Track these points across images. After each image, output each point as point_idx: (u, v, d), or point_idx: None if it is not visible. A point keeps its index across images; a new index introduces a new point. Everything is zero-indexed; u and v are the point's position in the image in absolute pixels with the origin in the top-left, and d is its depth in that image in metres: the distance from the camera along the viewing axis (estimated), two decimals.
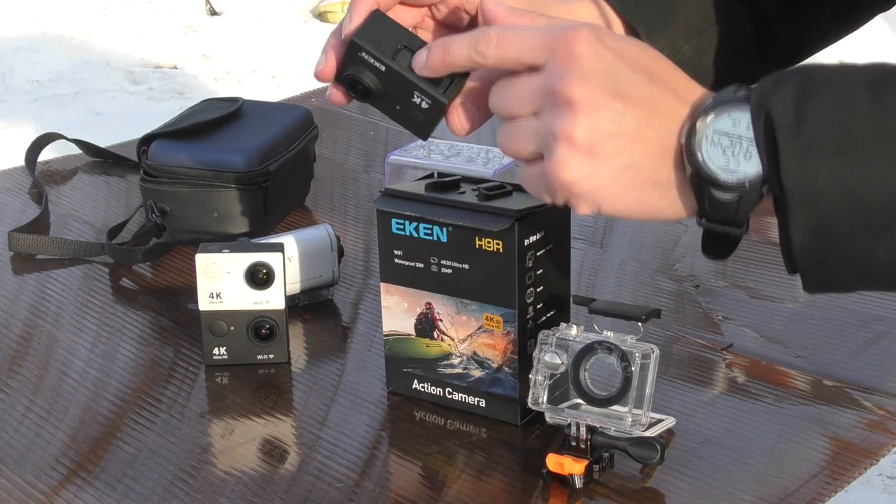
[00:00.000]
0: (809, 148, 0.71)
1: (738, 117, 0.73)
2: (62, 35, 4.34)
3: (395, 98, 0.85)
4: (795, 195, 0.71)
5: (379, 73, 0.84)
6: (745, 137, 0.73)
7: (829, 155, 0.70)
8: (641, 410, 0.92)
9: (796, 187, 0.71)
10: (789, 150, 0.71)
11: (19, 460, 0.99)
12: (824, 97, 0.72)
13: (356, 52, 0.84)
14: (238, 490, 0.95)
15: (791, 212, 0.72)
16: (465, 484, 0.96)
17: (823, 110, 0.71)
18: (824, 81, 0.73)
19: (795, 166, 0.71)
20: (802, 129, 0.71)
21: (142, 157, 1.38)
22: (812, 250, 0.73)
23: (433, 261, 1.01)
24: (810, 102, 0.71)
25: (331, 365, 1.15)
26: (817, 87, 0.72)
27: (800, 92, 0.72)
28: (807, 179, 0.71)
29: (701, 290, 1.25)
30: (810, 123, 0.71)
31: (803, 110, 0.71)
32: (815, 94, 0.72)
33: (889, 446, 1.00)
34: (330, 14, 4.54)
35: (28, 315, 1.24)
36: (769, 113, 0.71)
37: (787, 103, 0.71)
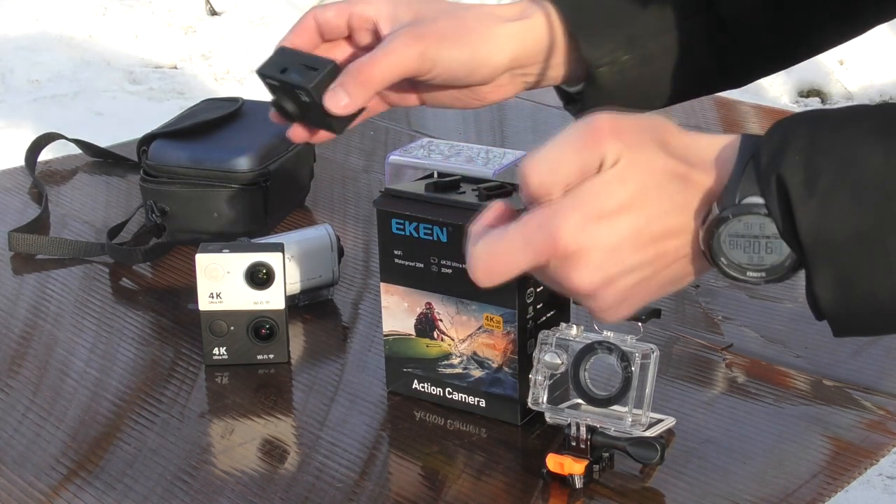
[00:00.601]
0: (824, 203, 0.70)
1: (749, 221, 0.73)
2: (62, 35, 4.34)
3: (307, 109, 0.94)
4: (815, 251, 0.71)
5: (275, 89, 0.94)
6: (761, 237, 0.73)
7: (843, 207, 0.70)
8: (641, 410, 0.92)
9: (815, 244, 0.71)
10: (804, 208, 0.71)
11: (19, 460, 0.99)
12: (833, 147, 0.71)
13: (266, 81, 0.95)
14: (238, 490, 0.95)
15: (813, 268, 0.72)
16: (465, 484, 0.96)
17: (833, 161, 0.71)
18: (833, 131, 0.72)
19: (812, 223, 0.71)
20: (815, 186, 0.70)
21: (142, 157, 1.38)
22: (838, 302, 0.73)
23: (433, 261, 1.01)
24: (819, 155, 0.71)
25: (331, 365, 1.15)
26: (826, 140, 0.72)
27: (808, 145, 0.71)
28: (824, 235, 0.71)
29: (701, 290, 1.25)
30: (822, 178, 0.70)
31: (814, 164, 0.71)
32: (823, 145, 0.71)
33: (889, 446, 1.00)
34: None
35: (28, 315, 1.24)
36: (780, 175, 0.71)
37: (797, 160, 0.71)
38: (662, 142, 0.75)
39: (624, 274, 0.74)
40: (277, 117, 0.97)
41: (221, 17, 4.60)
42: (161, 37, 4.42)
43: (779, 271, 0.74)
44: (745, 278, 0.75)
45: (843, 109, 0.75)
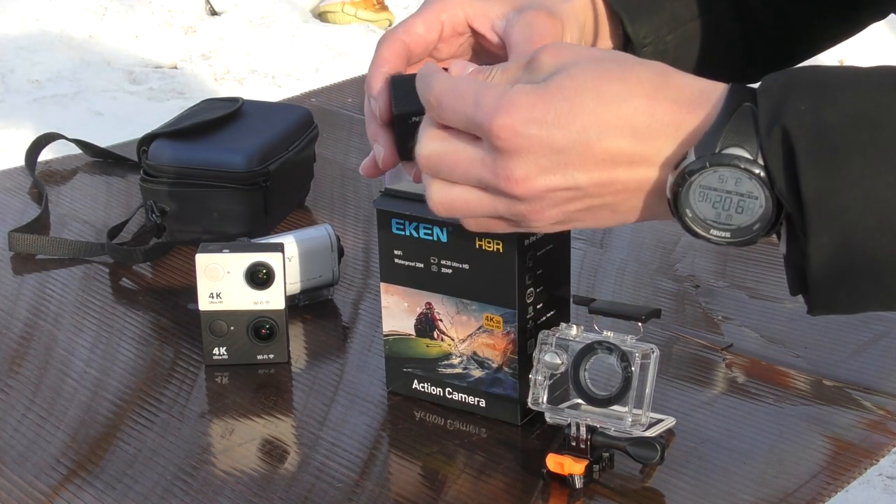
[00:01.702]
0: (833, 159, 0.66)
1: (725, 174, 0.68)
2: (62, 35, 4.34)
3: None
4: (817, 209, 0.66)
5: (413, 127, 0.81)
6: (734, 193, 0.69)
7: (855, 165, 0.65)
8: (641, 410, 0.92)
9: (819, 201, 0.66)
10: (811, 163, 0.66)
11: (19, 460, 0.99)
12: (844, 102, 0.67)
13: (406, 122, 0.82)
14: (238, 490, 0.95)
15: (811, 228, 0.66)
16: (465, 484, 0.96)
17: (845, 117, 0.66)
18: (839, 85, 0.68)
19: (818, 178, 0.66)
20: (824, 140, 0.66)
21: (142, 157, 1.38)
22: (831, 269, 0.67)
23: (433, 261, 1.01)
24: (829, 109, 0.66)
25: (331, 365, 1.15)
26: (833, 92, 0.67)
27: (815, 99, 0.67)
28: (831, 192, 0.66)
29: (701, 290, 1.25)
30: (831, 133, 0.66)
31: (822, 119, 0.66)
32: (832, 100, 0.67)
33: (889, 446, 1.00)
34: (330, 14, 4.53)
35: (28, 315, 1.24)
36: (784, 127, 0.66)
37: (803, 111, 0.66)
38: (636, 61, 0.72)
39: (566, 188, 0.71)
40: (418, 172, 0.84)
41: (221, 17, 4.60)
42: (161, 37, 4.41)
43: (745, 234, 0.69)
44: (707, 236, 0.70)
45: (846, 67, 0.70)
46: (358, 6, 4.51)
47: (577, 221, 0.74)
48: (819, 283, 0.69)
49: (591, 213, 0.73)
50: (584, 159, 0.70)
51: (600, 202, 0.72)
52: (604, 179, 0.71)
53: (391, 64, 0.86)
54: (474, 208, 0.75)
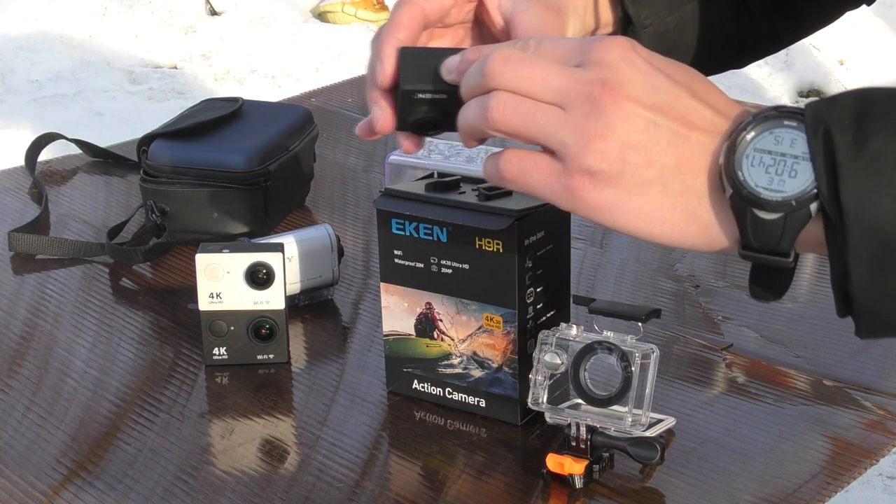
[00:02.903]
0: (874, 167, 0.65)
1: (782, 135, 0.68)
2: (62, 35, 4.34)
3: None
4: (857, 217, 0.65)
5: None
6: (789, 155, 0.68)
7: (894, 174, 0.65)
8: (641, 410, 0.92)
9: (859, 209, 0.65)
10: (851, 169, 0.65)
11: (19, 460, 0.99)
12: (887, 116, 0.66)
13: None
14: (238, 490, 0.95)
15: (850, 237, 0.66)
16: (465, 484, 0.96)
17: (885, 128, 0.66)
18: (884, 100, 0.67)
19: (858, 186, 0.65)
20: (865, 148, 0.65)
21: (142, 157, 1.38)
22: (873, 282, 0.66)
23: (433, 261, 1.01)
24: (872, 121, 0.66)
25: (331, 365, 1.15)
26: (877, 106, 0.67)
27: (859, 110, 0.67)
28: (871, 201, 0.65)
29: (701, 290, 1.25)
30: (873, 142, 0.65)
31: (865, 129, 0.66)
32: (876, 114, 0.66)
33: (889, 446, 1.00)
34: (330, 14, 4.53)
35: (28, 315, 1.24)
36: (827, 129, 0.66)
37: (846, 122, 0.66)
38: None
39: (647, 121, 0.69)
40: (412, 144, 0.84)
41: (221, 17, 4.60)
42: (161, 37, 4.41)
43: (794, 206, 0.67)
44: (756, 199, 0.68)
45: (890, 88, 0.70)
46: (358, 6, 4.51)
47: (626, 176, 0.70)
48: (860, 300, 0.67)
49: (645, 171, 0.70)
50: (673, 106, 0.70)
51: (661, 162, 0.70)
52: (681, 133, 0.70)
53: (408, 31, 0.84)
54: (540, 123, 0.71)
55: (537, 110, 0.71)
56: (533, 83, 0.71)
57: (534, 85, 0.72)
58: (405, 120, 0.82)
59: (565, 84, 0.71)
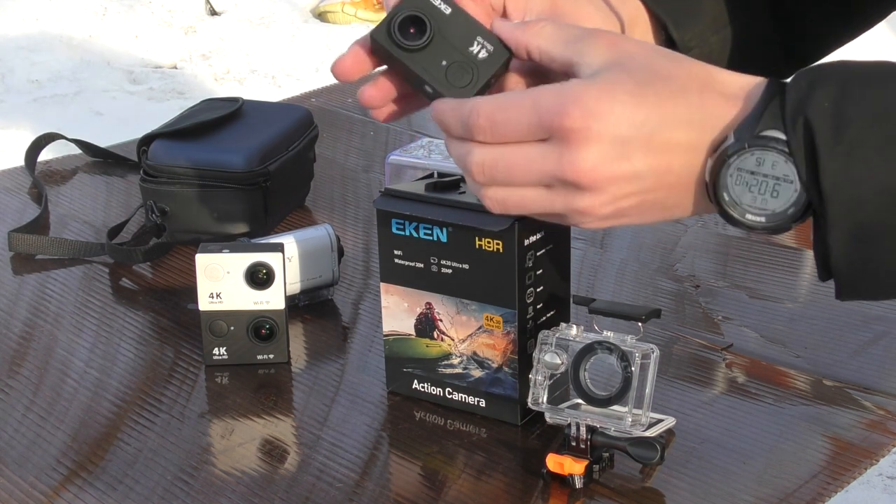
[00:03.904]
0: (851, 152, 0.69)
1: (763, 157, 0.71)
2: (62, 35, 4.34)
3: (447, 50, 0.80)
4: (835, 201, 0.69)
5: (442, 16, 0.80)
6: (770, 177, 0.71)
7: (871, 158, 0.68)
8: (641, 410, 0.92)
9: (836, 193, 0.69)
10: (829, 155, 0.69)
11: (20, 461, 0.99)
12: (865, 99, 0.69)
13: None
14: (238, 490, 0.95)
15: (830, 218, 0.70)
16: (465, 484, 0.96)
17: (864, 113, 0.69)
18: (863, 82, 0.70)
19: (836, 171, 0.69)
20: (843, 133, 0.69)
21: (142, 157, 1.38)
22: (851, 258, 0.71)
23: (433, 261, 1.01)
24: (850, 105, 0.69)
25: (331, 365, 1.15)
26: (856, 89, 0.70)
27: (838, 94, 0.70)
28: (848, 184, 0.69)
29: (701, 290, 1.25)
30: (851, 127, 0.69)
31: (843, 114, 0.69)
32: (854, 96, 0.69)
33: (889, 446, 1.00)
34: (330, 14, 4.53)
35: (28, 315, 1.24)
36: (807, 118, 0.69)
37: (825, 106, 0.69)
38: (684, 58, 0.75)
39: (628, 176, 0.73)
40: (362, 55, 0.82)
41: (221, 17, 4.60)
42: (161, 37, 4.41)
43: (779, 219, 0.72)
44: (743, 220, 0.73)
45: (876, 62, 0.72)
46: (358, 6, 4.51)
47: (626, 217, 0.76)
48: (841, 271, 0.72)
49: (641, 207, 0.75)
50: (646, 149, 0.73)
51: (653, 197, 0.74)
52: (662, 167, 0.73)
53: None
54: (530, 205, 0.77)
55: (525, 199, 0.77)
56: (514, 177, 0.76)
57: (515, 178, 0.76)
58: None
59: (542, 175, 0.75)
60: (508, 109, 0.75)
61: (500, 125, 0.75)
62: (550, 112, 0.73)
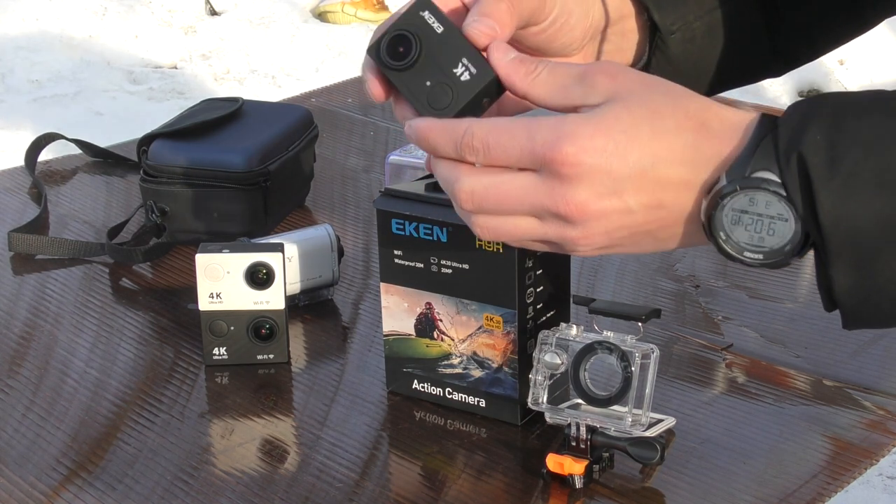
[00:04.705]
0: (847, 185, 0.69)
1: (756, 197, 0.72)
2: (62, 35, 4.34)
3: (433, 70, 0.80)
4: (834, 234, 0.70)
5: (433, 35, 0.80)
6: (765, 216, 0.72)
7: (867, 191, 0.69)
8: (641, 410, 0.92)
9: (835, 227, 0.69)
10: (825, 189, 0.69)
11: (20, 461, 0.99)
12: (858, 131, 0.70)
13: (418, 13, 0.80)
14: (238, 490, 0.95)
15: (830, 252, 0.70)
16: (465, 484, 0.96)
17: (858, 145, 0.69)
18: (855, 114, 0.71)
19: (833, 205, 0.69)
20: (837, 167, 0.69)
21: (142, 157, 1.38)
22: (854, 289, 0.71)
23: (433, 261, 1.01)
24: (844, 137, 0.69)
25: (331, 365, 1.15)
26: (849, 121, 0.70)
27: (831, 127, 0.70)
28: (846, 217, 0.69)
29: (701, 290, 1.25)
30: (846, 160, 0.69)
31: (837, 147, 0.69)
32: (847, 128, 0.70)
33: (889, 446, 1.00)
34: (330, 14, 4.53)
35: (28, 315, 1.24)
36: (801, 154, 0.70)
37: (818, 140, 0.70)
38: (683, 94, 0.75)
39: (619, 211, 0.73)
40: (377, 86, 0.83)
41: (221, 17, 4.60)
42: (161, 37, 4.42)
43: (777, 255, 0.72)
44: (741, 258, 0.73)
45: (868, 93, 0.73)
46: (358, 6, 4.51)
47: (619, 247, 0.77)
48: (845, 302, 0.72)
49: (634, 238, 0.76)
50: (638, 186, 0.73)
51: (645, 229, 0.75)
52: (653, 203, 0.74)
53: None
54: (521, 234, 0.77)
55: (517, 228, 0.77)
56: (504, 207, 0.76)
57: (505, 208, 0.76)
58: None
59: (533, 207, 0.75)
60: (503, 135, 0.75)
61: (493, 149, 0.75)
62: (545, 145, 0.73)
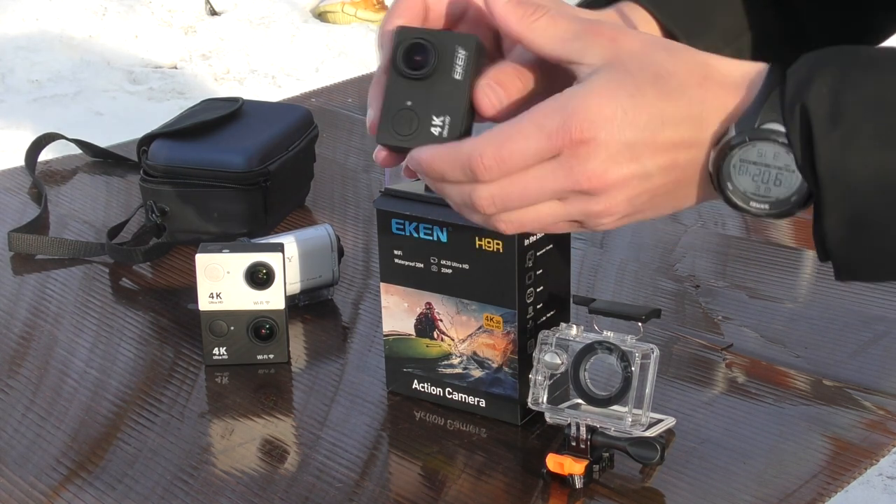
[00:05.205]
0: (846, 138, 0.69)
1: (764, 148, 0.72)
2: (62, 35, 4.34)
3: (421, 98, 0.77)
4: (831, 187, 0.70)
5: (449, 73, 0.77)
6: (772, 166, 0.72)
7: (867, 145, 0.69)
8: (641, 410, 0.92)
9: (831, 179, 0.70)
10: (825, 142, 0.70)
11: (20, 460, 0.99)
12: (864, 85, 0.70)
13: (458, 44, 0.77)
14: (238, 490, 0.95)
15: (825, 203, 0.71)
16: (465, 484, 0.96)
17: (862, 99, 0.70)
18: (864, 67, 0.71)
19: (831, 158, 0.70)
20: (839, 120, 0.69)
21: (142, 157, 1.38)
22: (847, 241, 0.72)
23: (433, 261, 1.01)
24: (848, 91, 0.70)
25: (331, 365, 1.15)
26: (856, 74, 0.70)
27: (837, 80, 0.70)
28: (843, 170, 0.70)
29: (701, 290, 1.25)
30: (847, 113, 0.69)
31: (840, 100, 0.70)
32: (853, 83, 0.70)
33: (889, 446, 1.00)
34: (330, 14, 4.53)
35: (28, 315, 1.24)
36: (804, 105, 0.70)
37: (823, 92, 0.70)
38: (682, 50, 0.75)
39: (638, 176, 0.73)
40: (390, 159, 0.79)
41: (221, 17, 4.60)
42: (161, 37, 4.41)
43: (783, 206, 0.73)
44: (747, 208, 0.74)
45: (879, 49, 0.73)
46: (358, 6, 4.51)
47: (640, 213, 0.77)
48: (837, 254, 0.73)
49: (653, 202, 0.76)
50: (653, 149, 0.73)
51: (664, 191, 0.75)
52: (668, 163, 0.74)
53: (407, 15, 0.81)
54: (546, 219, 0.77)
55: (541, 214, 0.76)
56: (527, 200, 0.76)
57: (528, 201, 0.76)
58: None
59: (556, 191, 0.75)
60: (514, 141, 0.74)
61: (508, 160, 0.75)
62: (558, 131, 0.73)
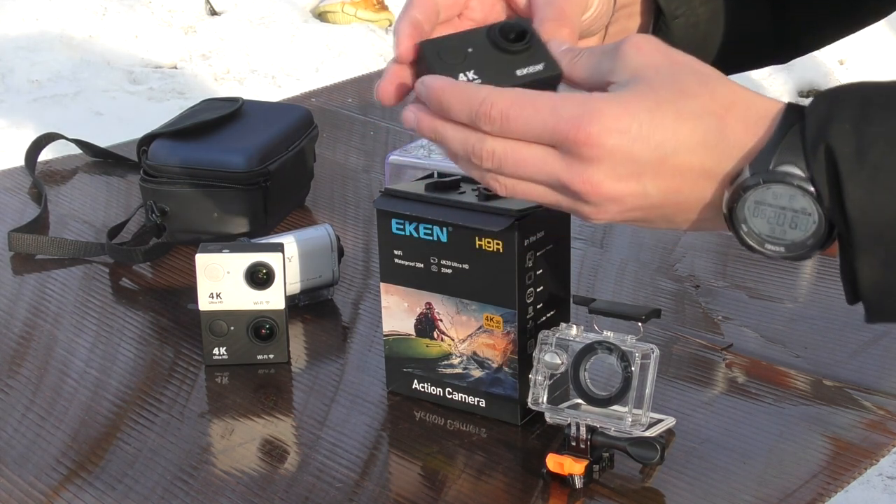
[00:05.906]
0: (875, 176, 0.67)
1: (779, 191, 0.70)
2: (62, 35, 4.34)
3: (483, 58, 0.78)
4: (861, 226, 0.68)
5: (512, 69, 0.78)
6: (788, 209, 0.71)
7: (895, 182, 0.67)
8: (641, 410, 0.92)
9: (863, 218, 0.68)
10: (853, 180, 0.68)
11: (19, 460, 0.99)
12: (886, 120, 0.68)
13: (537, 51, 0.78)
14: (238, 490, 0.95)
15: (858, 245, 0.69)
16: (465, 484, 0.96)
17: (886, 134, 0.68)
18: (882, 103, 0.69)
19: (861, 196, 0.68)
20: (866, 157, 0.68)
21: (142, 157, 1.38)
22: (879, 283, 0.70)
23: (433, 261, 1.01)
24: (871, 127, 0.68)
25: (331, 365, 1.15)
26: (877, 110, 0.69)
27: (858, 116, 0.69)
28: (873, 210, 0.68)
29: (701, 290, 1.25)
30: (874, 150, 0.68)
31: (864, 136, 0.68)
32: (875, 118, 0.68)
33: (889, 446, 1.00)
34: (330, 14, 4.53)
35: (28, 315, 1.24)
36: (829, 145, 0.68)
37: (847, 129, 0.68)
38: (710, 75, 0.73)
39: (635, 195, 0.72)
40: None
41: (221, 17, 4.60)
42: (161, 37, 4.41)
43: (799, 249, 0.71)
44: (762, 250, 0.72)
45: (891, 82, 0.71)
46: (358, 6, 4.51)
47: (631, 223, 0.76)
48: (870, 296, 0.71)
49: (647, 217, 0.75)
50: (658, 171, 0.72)
51: (660, 212, 0.74)
52: (671, 188, 0.73)
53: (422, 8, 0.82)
54: (537, 198, 0.76)
55: (534, 191, 0.76)
56: (523, 173, 0.75)
57: (524, 174, 0.75)
58: None
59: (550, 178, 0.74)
60: (525, 108, 0.74)
61: (512, 122, 0.74)
62: (570, 121, 0.72)
